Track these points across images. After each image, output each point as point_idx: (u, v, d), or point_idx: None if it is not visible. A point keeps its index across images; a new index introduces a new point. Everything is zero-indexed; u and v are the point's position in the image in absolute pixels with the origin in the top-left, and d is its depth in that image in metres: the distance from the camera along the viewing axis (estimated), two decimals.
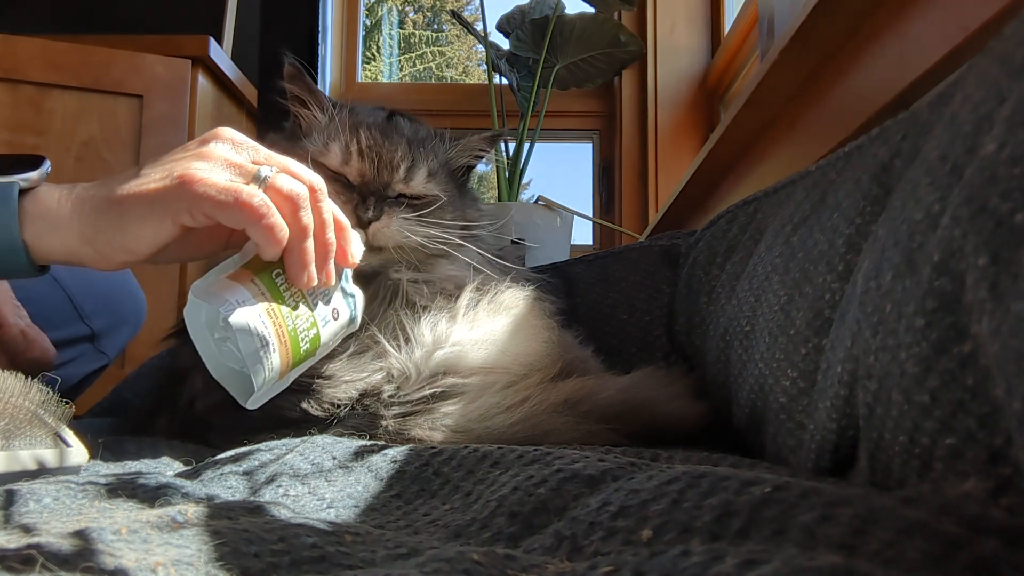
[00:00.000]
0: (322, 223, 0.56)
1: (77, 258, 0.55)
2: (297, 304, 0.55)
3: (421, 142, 0.83)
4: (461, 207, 0.85)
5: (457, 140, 0.87)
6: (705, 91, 2.04)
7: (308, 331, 0.56)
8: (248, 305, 0.52)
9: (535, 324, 0.77)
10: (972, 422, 0.30)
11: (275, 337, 0.53)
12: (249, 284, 0.53)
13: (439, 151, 0.84)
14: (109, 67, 1.59)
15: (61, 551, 0.27)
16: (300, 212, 0.54)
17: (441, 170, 0.84)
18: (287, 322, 0.54)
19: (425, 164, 0.81)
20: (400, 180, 0.79)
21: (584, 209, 2.18)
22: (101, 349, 0.99)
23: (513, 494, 0.38)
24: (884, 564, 0.24)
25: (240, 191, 0.52)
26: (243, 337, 0.51)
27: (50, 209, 0.54)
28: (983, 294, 0.29)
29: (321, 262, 0.56)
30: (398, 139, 0.81)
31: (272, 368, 0.53)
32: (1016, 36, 0.35)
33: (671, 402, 0.73)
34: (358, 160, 0.79)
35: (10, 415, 0.50)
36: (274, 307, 0.53)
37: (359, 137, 0.79)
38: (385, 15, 3.92)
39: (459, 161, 0.87)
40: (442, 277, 0.79)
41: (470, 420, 0.66)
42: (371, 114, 0.85)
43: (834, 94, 0.93)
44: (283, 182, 0.54)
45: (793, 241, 0.62)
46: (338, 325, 0.59)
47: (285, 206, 0.54)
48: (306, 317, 0.56)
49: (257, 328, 0.52)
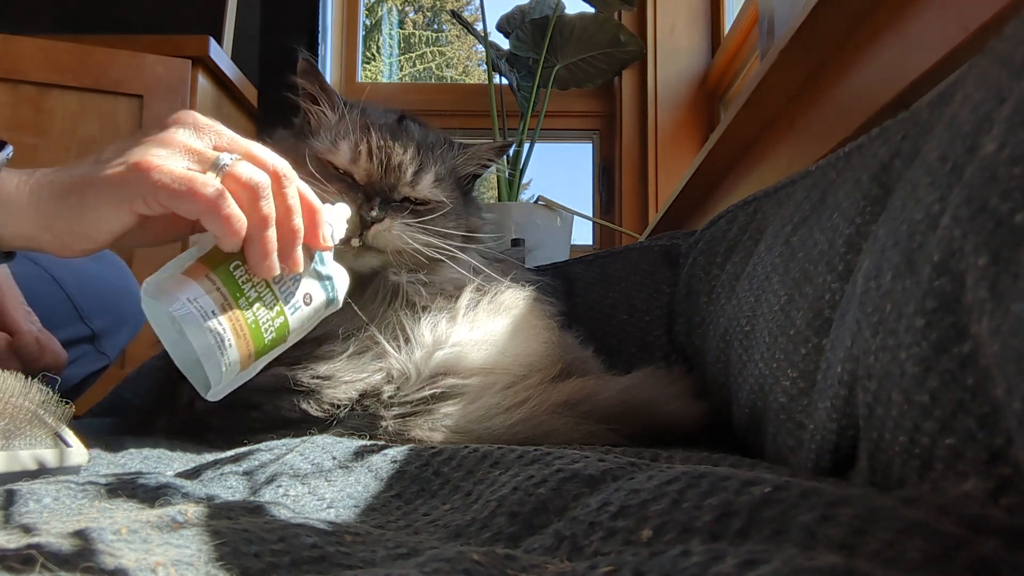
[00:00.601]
0: (287, 210, 0.54)
1: (36, 244, 0.54)
2: (260, 295, 0.54)
3: (430, 147, 0.83)
4: (465, 215, 0.85)
5: (466, 148, 0.86)
6: (705, 91, 2.04)
7: (273, 320, 0.54)
8: (201, 303, 0.51)
9: (535, 325, 0.77)
10: (972, 422, 0.30)
11: (231, 333, 0.52)
12: (204, 280, 0.52)
13: (447, 158, 0.84)
14: (109, 67, 1.59)
15: (61, 551, 0.27)
16: (260, 202, 0.52)
17: (448, 176, 0.84)
18: (246, 315, 0.53)
19: (432, 169, 0.81)
20: (407, 183, 0.79)
21: (584, 209, 2.19)
22: (102, 350, 0.99)
23: (513, 494, 0.38)
24: (884, 564, 0.24)
25: (194, 180, 0.50)
26: (195, 337, 0.50)
27: (9, 195, 0.53)
28: (983, 294, 0.29)
29: (286, 250, 0.54)
30: (407, 142, 0.81)
31: (230, 362, 0.52)
32: (1016, 36, 0.35)
33: (671, 402, 0.73)
34: (366, 160, 0.78)
35: (10, 415, 0.50)
36: (230, 302, 0.52)
37: (369, 137, 0.79)
38: (385, 15, 3.92)
39: (466, 169, 0.87)
40: (442, 279, 0.79)
41: (470, 421, 0.66)
42: (382, 115, 0.85)
43: (834, 94, 0.93)
44: (243, 170, 0.52)
45: (793, 241, 0.62)
46: (311, 310, 0.58)
47: (244, 195, 0.52)
48: (270, 307, 0.54)
49: (210, 326, 0.51)
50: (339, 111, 0.81)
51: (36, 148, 1.53)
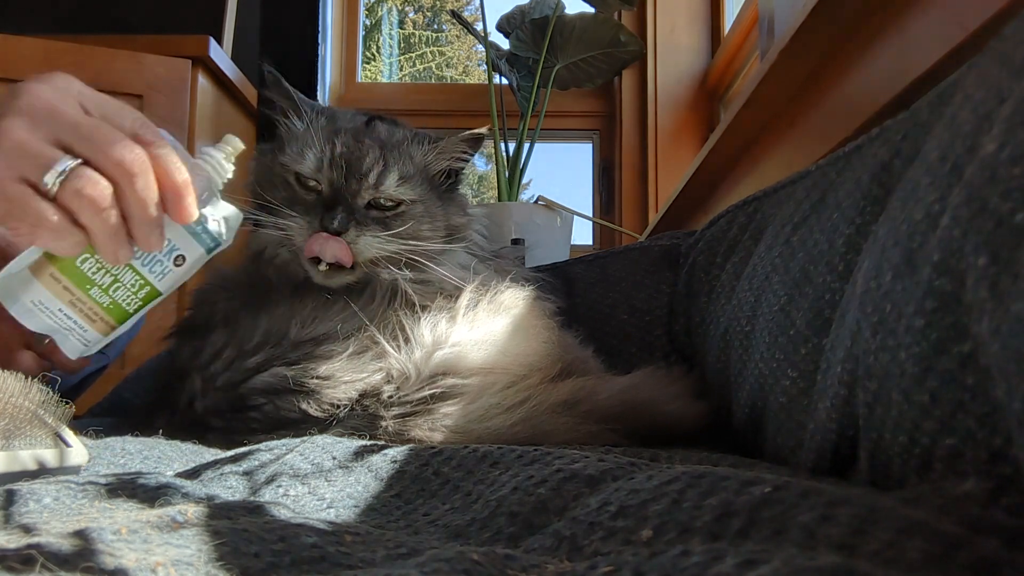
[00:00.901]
0: (141, 203, 0.50)
1: None
2: (116, 277, 0.53)
3: (396, 146, 0.81)
4: (444, 214, 0.83)
5: (436, 142, 0.84)
6: (705, 91, 2.04)
7: (136, 293, 0.54)
8: (47, 305, 0.50)
9: (535, 324, 0.77)
10: (972, 422, 0.30)
11: (84, 320, 0.52)
12: (48, 279, 0.51)
13: (416, 154, 0.82)
14: (109, 67, 1.59)
15: (61, 551, 0.27)
16: (102, 214, 0.48)
17: (418, 174, 0.82)
18: (100, 300, 0.53)
19: (397, 168, 0.79)
20: (370, 186, 0.78)
21: (584, 209, 2.18)
22: (101, 350, 0.99)
23: (513, 494, 0.38)
24: (884, 564, 0.24)
25: (11, 209, 0.46)
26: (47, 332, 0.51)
27: None
28: (983, 294, 0.29)
29: (143, 239, 0.51)
30: (371, 144, 0.79)
31: (90, 340, 0.53)
32: (1016, 36, 0.35)
33: (671, 402, 0.73)
34: (328, 168, 0.78)
35: (10, 415, 0.50)
36: (79, 296, 0.52)
37: (332, 145, 0.78)
38: (385, 15, 3.92)
39: (439, 164, 0.84)
40: (433, 278, 0.78)
41: (470, 421, 0.66)
42: (351, 119, 0.84)
43: (834, 94, 0.93)
44: (79, 184, 0.48)
45: (793, 241, 0.62)
46: (184, 269, 0.56)
47: (83, 208, 0.48)
48: (131, 285, 0.54)
49: (60, 323, 0.51)
50: (306, 120, 0.81)
51: None
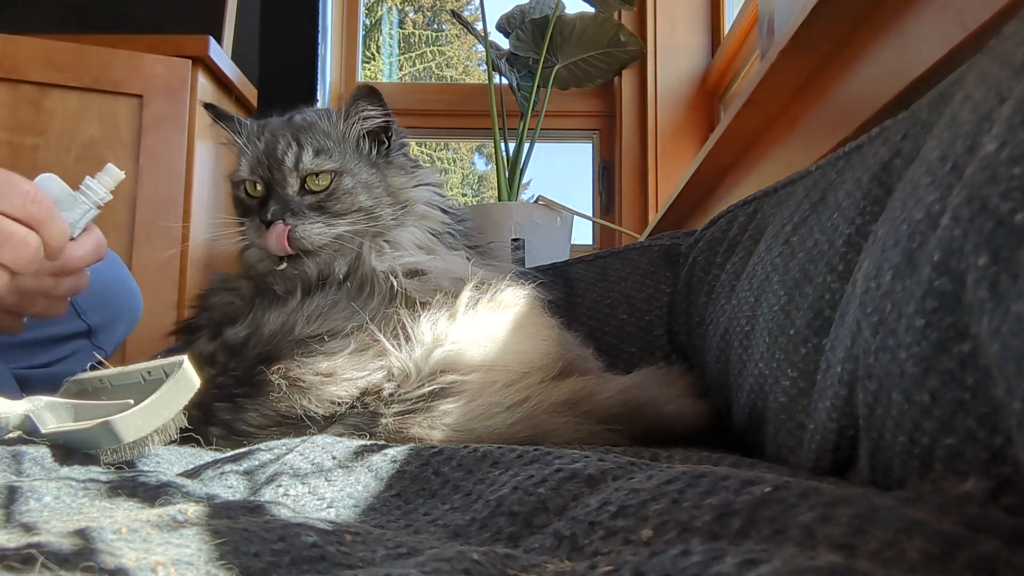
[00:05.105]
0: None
1: None
2: None
3: (308, 127, 0.86)
4: (382, 181, 0.87)
5: (340, 110, 0.89)
6: (705, 91, 2.04)
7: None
8: None
9: (536, 323, 0.77)
10: (972, 422, 0.30)
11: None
12: None
13: (328, 127, 0.87)
14: (109, 67, 1.59)
15: (61, 550, 0.27)
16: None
17: (337, 145, 0.86)
18: None
19: (310, 145, 0.84)
20: (291, 170, 0.83)
21: (584, 209, 2.18)
22: (98, 344, 0.99)
23: (513, 494, 0.38)
24: (884, 564, 0.24)
25: None
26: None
27: None
28: (983, 294, 0.29)
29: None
30: (283, 132, 0.85)
31: None
32: (1016, 36, 0.35)
33: (671, 402, 0.73)
34: (257, 167, 0.84)
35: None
36: None
37: (255, 145, 0.84)
38: (385, 15, 3.92)
39: (353, 129, 0.88)
40: (437, 272, 0.79)
41: (470, 419, 0.66)
42: (278, 122, 0.90)
43: (834, 94, 0.93)
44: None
45: (793, 241, 0.62)
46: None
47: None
48: None
49: None
50: (243, 134, 0.87)
51: (36, 148, 1.53)
